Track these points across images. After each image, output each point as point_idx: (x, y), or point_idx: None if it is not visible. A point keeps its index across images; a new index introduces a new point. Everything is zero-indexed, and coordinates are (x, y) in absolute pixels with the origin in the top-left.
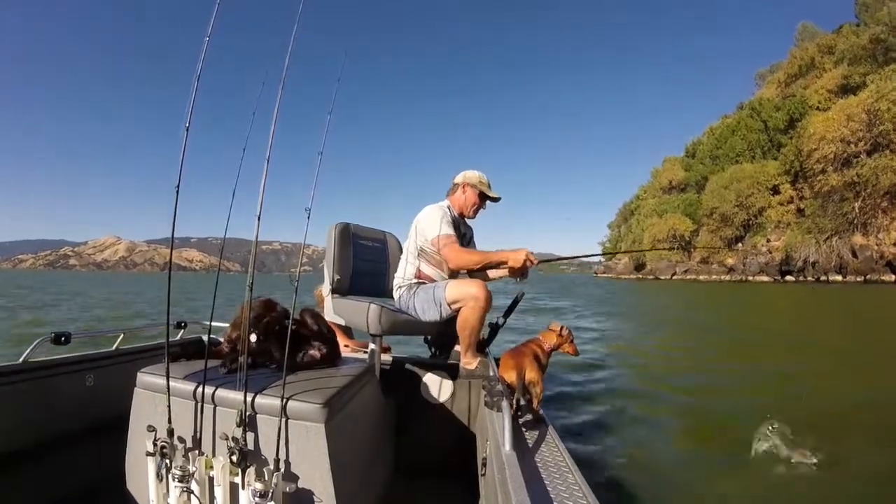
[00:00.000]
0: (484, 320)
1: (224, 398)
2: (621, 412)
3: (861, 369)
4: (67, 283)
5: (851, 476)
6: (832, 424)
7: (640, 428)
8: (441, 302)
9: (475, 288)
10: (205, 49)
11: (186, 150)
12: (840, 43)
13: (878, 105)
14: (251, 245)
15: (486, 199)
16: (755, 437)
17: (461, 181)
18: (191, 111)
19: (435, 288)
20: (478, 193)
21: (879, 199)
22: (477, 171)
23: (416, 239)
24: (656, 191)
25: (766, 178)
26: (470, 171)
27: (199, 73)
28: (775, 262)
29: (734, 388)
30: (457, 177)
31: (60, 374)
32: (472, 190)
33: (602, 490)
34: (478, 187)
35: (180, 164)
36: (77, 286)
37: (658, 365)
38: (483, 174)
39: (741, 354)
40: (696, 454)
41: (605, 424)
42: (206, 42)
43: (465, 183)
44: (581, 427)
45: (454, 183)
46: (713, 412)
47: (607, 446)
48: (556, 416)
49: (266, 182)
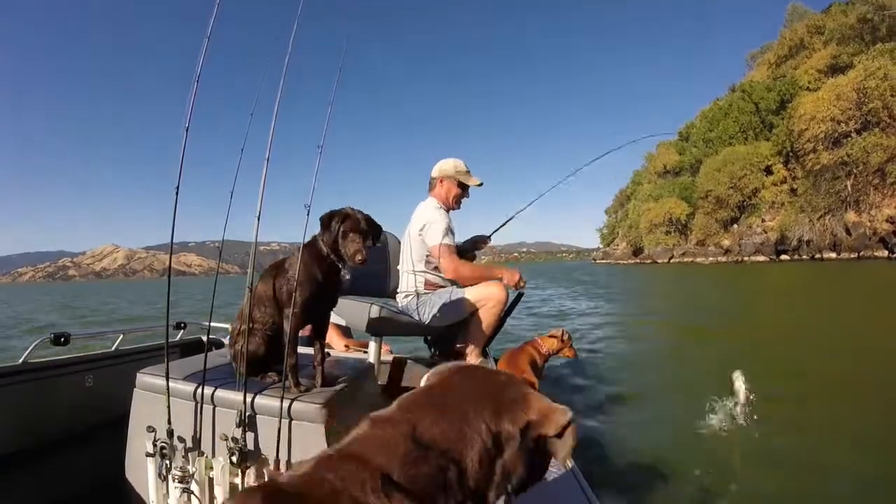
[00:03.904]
0: (500, 321)
1: (224, 398)
2: (620, 411)
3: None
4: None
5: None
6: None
7: (639, 426)
8: (462, 305)
9: (497, 289)
10: (205, 49)
11: (186, 150)
12: (829, 22)
13: (867, 83)
14: (249, 246)
15: (466, 188)
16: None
17: (438, 175)
18: (190, 112)
19: (452, 293)
20: (456, 183)
21: (871, 176)
22: (452, 158)
23: (419, 245)
24: (651, 175)
25: (759, 159)
26: (445, 161)
27: (199, 73)
28: (770, 242)
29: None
30: (433, 171)
31: (60, 374)
32: (450, 181)
33: (602, 490)
34: (455, 177)
35: (180, 165)
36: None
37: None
38: (459, 161)
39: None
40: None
41: (604, 424)
42: (205, 42)
43: (442, 176)
44: (581, 428)
45: (432, 178)
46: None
47: (607, 446)
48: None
49: (265, 182)
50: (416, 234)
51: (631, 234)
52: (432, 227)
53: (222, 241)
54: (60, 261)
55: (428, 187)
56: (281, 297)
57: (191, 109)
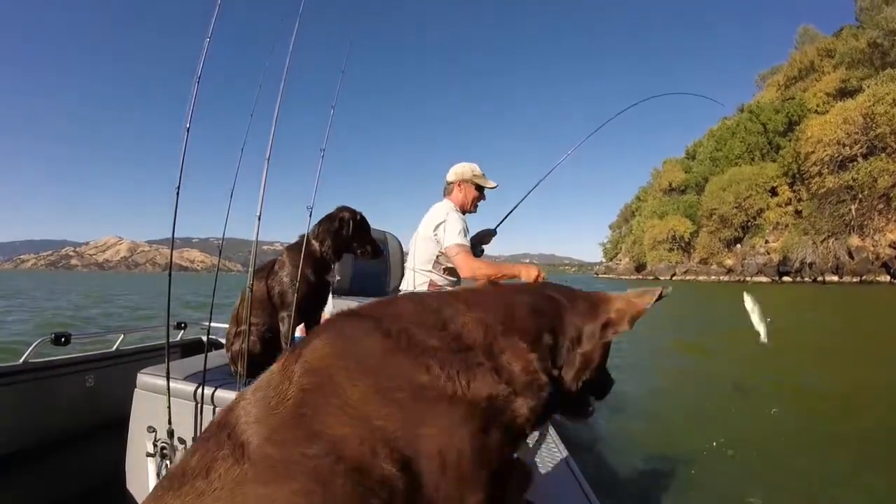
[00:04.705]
0: None
1: (224, 399)
2: (620, 412)
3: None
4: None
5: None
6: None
7: (639, 427)
8: None
9: None
10: (205, 50)
11: (187, 151)
12: (839, 46)
13: (874, 109)
14: (252, 245)
15: (482, 190)
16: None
17: (455, 179)
18: (191, 112)
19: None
20: (474, 187)
21: (875, 201)
22: (467, 162)
23: (429, 246)
24: (656, 192)
25: (765, 179)
26: (460, 165)
27: (200, 74)
28: (773, 263)
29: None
30: (449, 175)
31: (60, 374)
32: (468, 185)
33: (602, 490)
34: (472, 181)
35: (181, 166)
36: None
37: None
38: (475, 164)
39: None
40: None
41: (604, 425)
42: (206, 43)
43: (460, 180)
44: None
45: (448, 182)
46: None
47: (607, 446)
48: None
49: (266, 182)
50: (429, 235)
51: (634, 250)
52: (447, 228)
53: (222, 241)
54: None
55: (443, 191)
56: (274, 298)
57: (192, 109)
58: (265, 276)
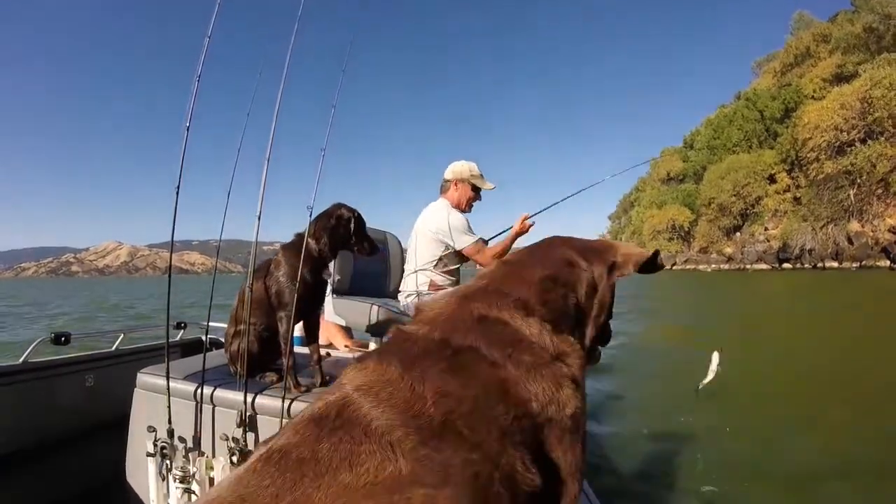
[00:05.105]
0: None
1: (224, 398)
2: (619, 412)
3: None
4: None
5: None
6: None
7: (638, 427)
8: None
9: None
10: (205, 49)
11: (187, 150)
12: (835, 31)
13: (871, 93)
14: (251, 246)
15: (479, 191)
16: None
17: (452, 178)
18: (191, 111)
19: None
20: (470, 187)
21: (874, 186)
22: (466, 161)
23: (431, 246)
24: (655, 182)
25: (763, 167)
26: (458, 163)
27: (200, 73)
28: (773, 250)
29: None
30: (447, 172)
31: (60, 374)
32: (465, 185)
33: (602, 489)
34: (469, 181)
35: (180, 165)
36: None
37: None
38: (473, 164)
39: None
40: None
41: (604, 425)
42: (206, 42)
43: (457, 179)
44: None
45: (445, 180)
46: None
47: (606, 446)
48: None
49: (266, 181)
50: (430, 235)
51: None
52: (458, 230)
53: (220, 241)
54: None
55: (440, 189)
56: (271, 298)
57: (191, 109)
58: (262, 277)
